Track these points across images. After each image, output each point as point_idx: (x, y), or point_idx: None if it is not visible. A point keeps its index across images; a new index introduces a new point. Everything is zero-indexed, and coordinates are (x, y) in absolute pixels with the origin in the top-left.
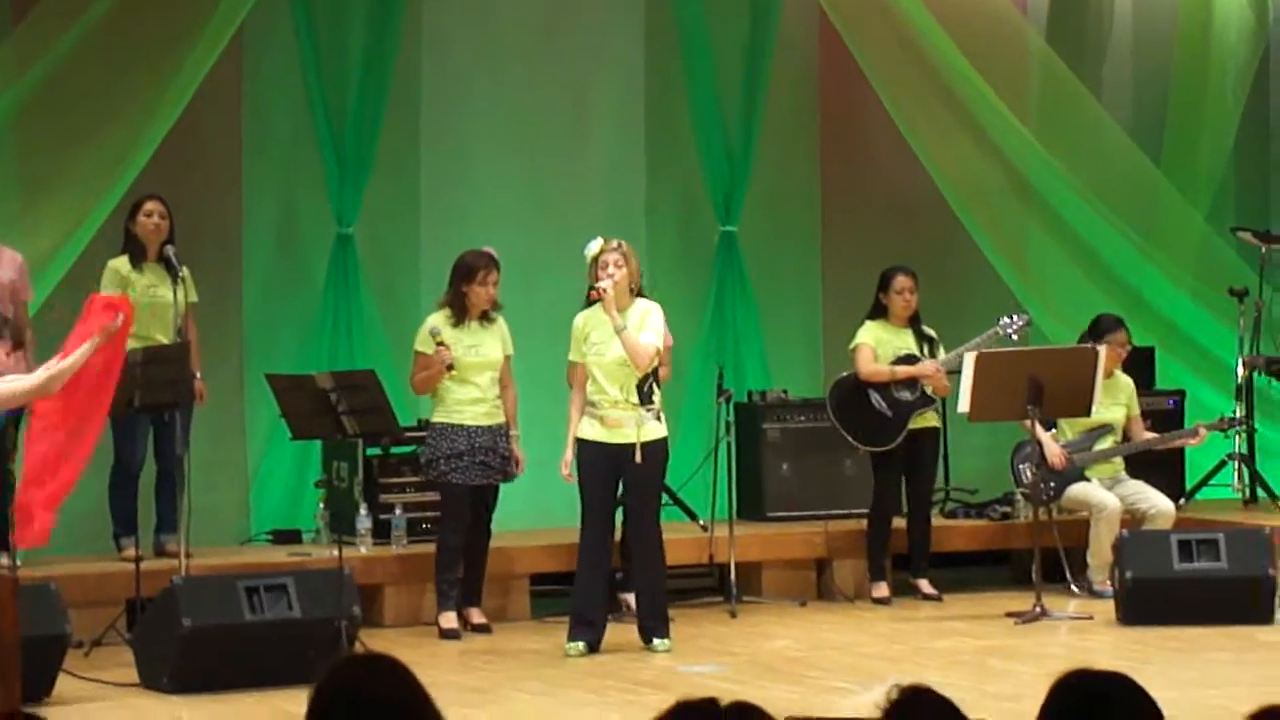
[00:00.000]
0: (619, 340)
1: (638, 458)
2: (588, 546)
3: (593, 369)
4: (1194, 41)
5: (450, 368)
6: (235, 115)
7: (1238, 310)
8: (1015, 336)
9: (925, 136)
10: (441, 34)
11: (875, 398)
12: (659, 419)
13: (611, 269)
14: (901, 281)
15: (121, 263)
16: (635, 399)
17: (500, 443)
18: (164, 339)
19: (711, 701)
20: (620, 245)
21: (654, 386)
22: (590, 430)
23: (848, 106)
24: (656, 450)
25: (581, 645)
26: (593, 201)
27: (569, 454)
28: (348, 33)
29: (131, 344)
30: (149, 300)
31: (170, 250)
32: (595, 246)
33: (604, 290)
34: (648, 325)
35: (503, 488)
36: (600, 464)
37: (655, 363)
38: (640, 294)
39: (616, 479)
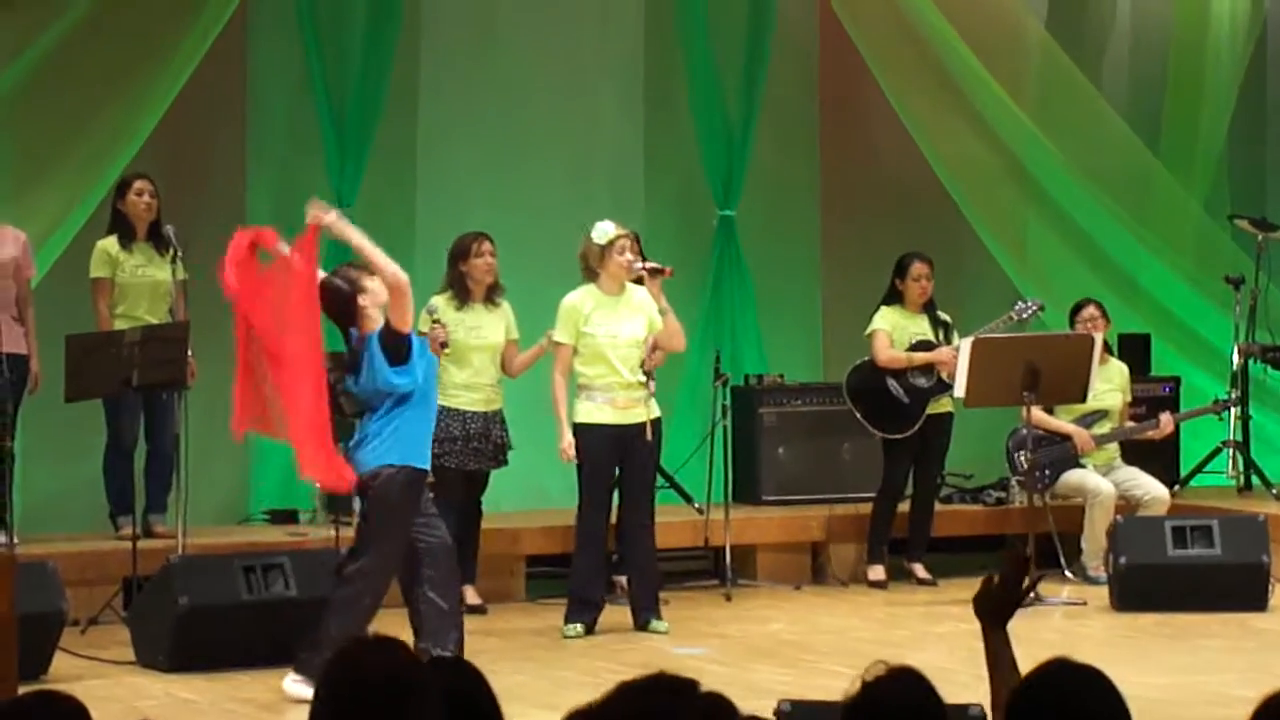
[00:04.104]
0: (659, 320)
1: (649, 436)
2: (590, 529)
3: (603, 350)
4: (1191, 29)
5: (444, 346)
6: (239, 95)
7: (1234, 298)
8: (1029, 320)
9: (924, 122)
10: (441, 14)
11: (892, 384)
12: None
13: (629, 254)
14: (919, 268)
15: (110, 243)
16: (642, 378)
17: (494, 429)
18: (153, 319)
19: (692, 683)
20: (630, 230)
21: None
22: (600, 414)
23: (847, 91)
24: (658, 429)
25: (580, 627)
26: (592, 185)
27: (569, 436)
28: (349, 12)
29: (121, 324)
30: (137, 280)
31: (170, 230)
32: (611, 230)
33: (666, 270)
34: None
35: (496, 471)
36: (610, 447)
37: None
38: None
39: (618, 461)
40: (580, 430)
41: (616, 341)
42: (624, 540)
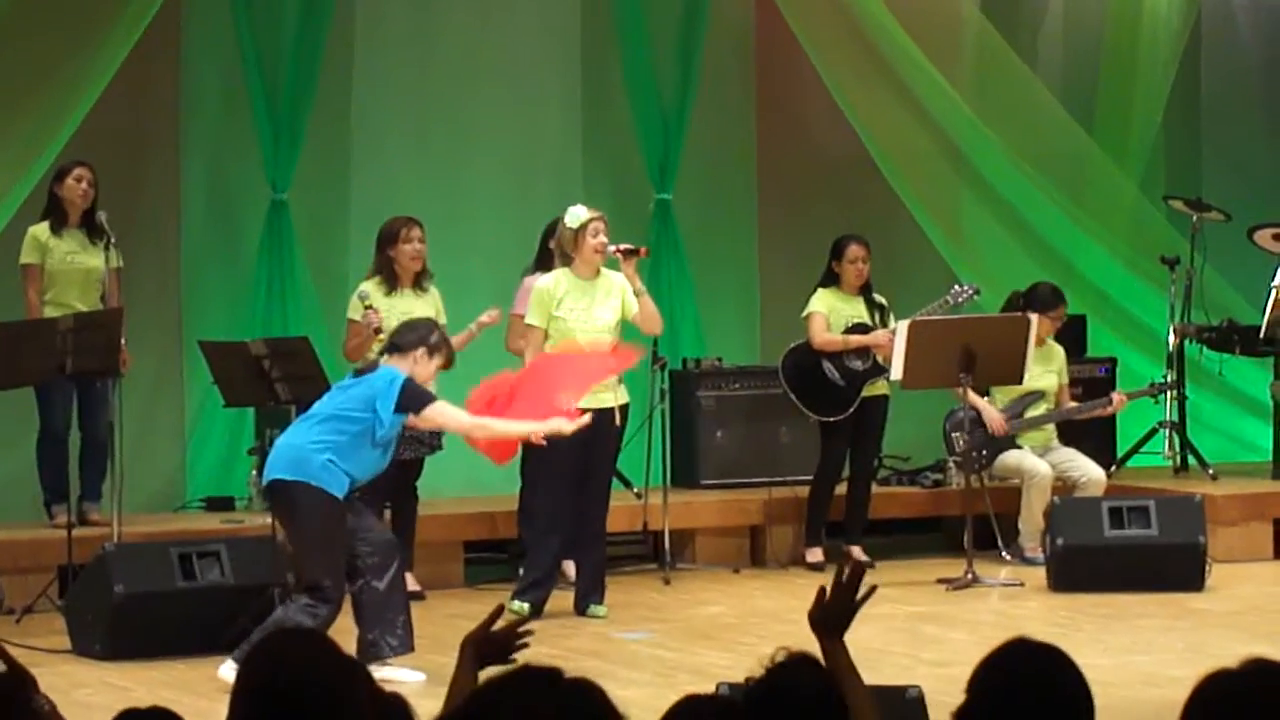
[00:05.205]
0: (634, 304)
1: (618, 421)
2: (552, 512)
3: (574, 335)
4: (1126, 11)
5: (378, 331)
6: (172, 82)
7: (1169, 278)
8: (964, 304)
9: (860, 104)
10: (375, 2)
11: (828, 367)
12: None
13: (603, 235)
14: (855, 250)
15: (41, 229)
16: None
17: None
18: (83, 306)
19: (556, 671)
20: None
21: None
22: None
23: (783, 74)
24: (625, 415)
25: (527, 606)
26: (530, 167)
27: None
28: (282, 1)
29: (51, 311)
30: (67, 267)
31: (102, 216)
32: (584, 214)
33: (641, 251)
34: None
35: (431, 458)
36: (579, 432)
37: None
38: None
39: (582, 446)
40: None
41: (588, 326)
42: (576, 524)
